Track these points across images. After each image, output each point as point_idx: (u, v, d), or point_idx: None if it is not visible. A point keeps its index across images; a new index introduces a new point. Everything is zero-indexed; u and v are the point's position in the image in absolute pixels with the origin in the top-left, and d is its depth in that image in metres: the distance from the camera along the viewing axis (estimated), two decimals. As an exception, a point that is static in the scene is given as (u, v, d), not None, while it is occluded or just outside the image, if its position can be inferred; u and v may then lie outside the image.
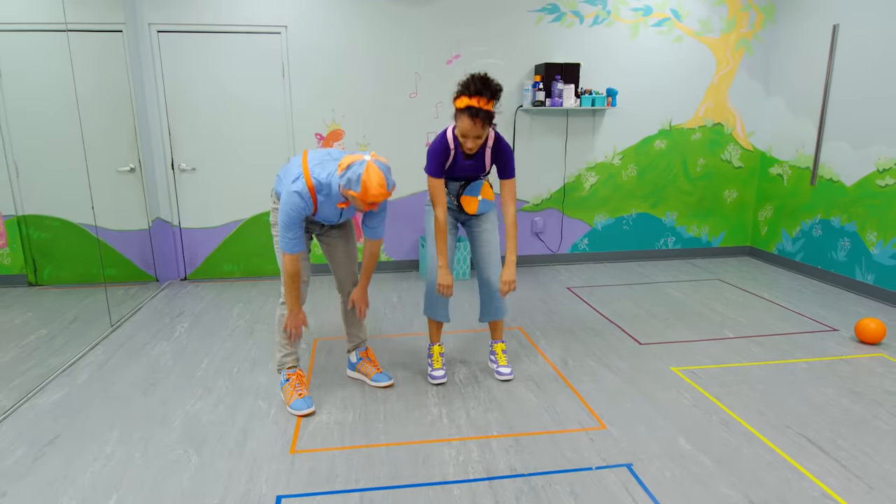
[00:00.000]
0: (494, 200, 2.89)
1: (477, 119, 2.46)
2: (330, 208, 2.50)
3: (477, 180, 2.80)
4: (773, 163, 5.23)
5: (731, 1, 4.98)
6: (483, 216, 2.89)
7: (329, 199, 2.44)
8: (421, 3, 4.62)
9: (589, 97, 4.72)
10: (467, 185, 2.79)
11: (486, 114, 2.46)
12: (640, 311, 4.01)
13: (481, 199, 2.83)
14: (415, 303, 4.24)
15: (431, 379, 2.96)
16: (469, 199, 2.81)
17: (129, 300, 4.36)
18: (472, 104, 2.43)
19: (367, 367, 2.96)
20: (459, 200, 2.81)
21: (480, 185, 2.82)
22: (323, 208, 2.48)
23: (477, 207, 2.82)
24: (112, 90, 4.31)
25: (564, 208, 5.20)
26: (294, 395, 2.68)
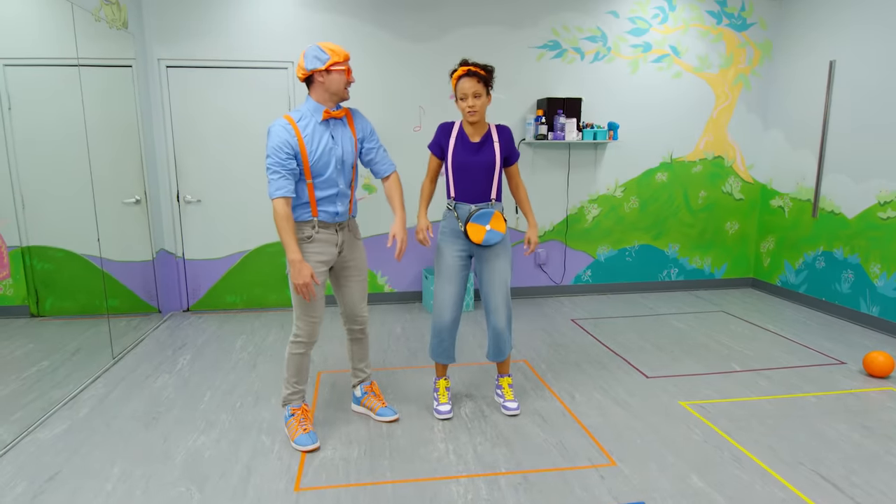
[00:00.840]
0: (506, 234, 2.83)
1: (473, 77, 2.61)
2: (320, 136, 2.46)
3: (487, 209, 2.74)
4: (774, 195, 5.27)
5: (728, 38, 5.10)
6: (493, 248, 2.84)
7: (312, 121, 2.45)
8: (426, 39, 4.72)
9: (590, 131, 4.79)
10: (478, 210, 2.72)
11: (482, 76, 2.62)
12: (646, 344, 3.99)
13: (489, 230, 2.73)
14: (419, 335, 4.22)
15: (437, 414, 2.92)
16: (476, 227, 2.73)
17: (131, 332, 4.33)
18: (468, 68, 2.63)
19: (373, 401, 2.92)
20: (466, 227, 2.74)
21: (490, 215, 2.73)
22: (313, 140, 2.44)
23: (483, 238, 2.73)
24: (120, 123, 4.37)
25: (567, 240, 5.22)
26: (299, 431, 2.64)
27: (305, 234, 2.55)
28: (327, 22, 4.57)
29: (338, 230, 2.62)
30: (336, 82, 2.46)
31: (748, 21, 5.11)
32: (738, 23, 5.09)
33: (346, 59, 2.45)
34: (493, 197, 2.81)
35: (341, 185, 2.56)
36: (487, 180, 2.78)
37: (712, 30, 5.07)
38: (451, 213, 2.82)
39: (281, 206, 2.39)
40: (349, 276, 2.75)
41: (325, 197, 2.54)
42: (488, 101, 2.69)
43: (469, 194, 2.79)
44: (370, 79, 4.69)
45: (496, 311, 2.85)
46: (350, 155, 2.58)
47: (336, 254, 2.65)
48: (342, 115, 2.55)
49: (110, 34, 3.94)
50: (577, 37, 4.89)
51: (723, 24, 5.07)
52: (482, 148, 2.76)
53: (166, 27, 4.41)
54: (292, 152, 2.42)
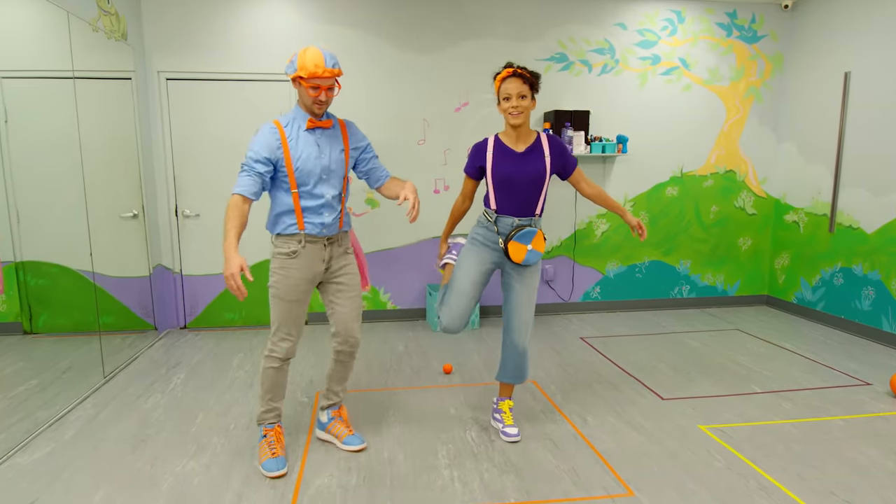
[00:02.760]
0: (542, 253, 2.67)
1: (519, 77, 2.47)
2: (305, 143, 2.35)
3: (531, 227, 2.58)
4: (788, 210, 5.12)
5: (739, 50, 5.00)
6: (527, 268, 2.68)
7: (297, 128, 2.35)
8: (430, 51, 4.64)
9: (599, 144, 4.68)
10: (521, 229, 2.56)
11: (528, 77, 2.47)
12: (659, 364, 3.82)
13: (531, 249, 2.58)
14: (421, 352, 4.06)
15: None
16: (518, 245, 2.57)
17: (125, 349, 4.19)
18: (513, 70, 2.49)
19: (339, 427, 2.71)
20: (507, 245, 2.57)
21: (533, 234, 2.58)
22: (297, 146, 2.34)
23: (524, 257, 2.58)
24: (119, 136, 4.28)
25: (576, 256, 5.08)
26: (267, 454, 2.49)
27: (290, 248, 2.42)
28: (329, 33, 4.50)
29: (326, 244, 2.49)
30: (303, 96, 2.35)
31: (759, 33, 5.01)
32: (748, 35, 5.00)
33: (312, 77, 2.24)
34: (538, 212, 2.65)
35: (328, 196, 2.42)
36: (534, 193, 2.60)
37: (722, 42, 4.97)
38: (490, 224, 2.66)
39: (235, 200, 2.27)
40: (340, 292, 2.57)
41: (311, 207, 2.41)
42: (533, 105, 2.53)
43: (512, 208, 2.61)
44: (373, 91, 4.60)
45: (520, 330, 2.70)
46: (338, 165, 2.45)
47: (322, 270, 2.51)
48: (329, 125, 2.43)
49: (109, 45, 3.87)
50: (584, 49, 4.80)
51: (733, 36, 4.98)
52: (529, 158, 2.58)
53: (166, 39, 4.35)
54: (271, 157, 2.33)
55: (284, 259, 2.42)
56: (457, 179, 4.80)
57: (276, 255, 2.46)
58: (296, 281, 2.43)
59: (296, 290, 2.44)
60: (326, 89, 2.30)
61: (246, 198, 2.29)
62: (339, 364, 2.69)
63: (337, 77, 2.32)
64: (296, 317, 2.48)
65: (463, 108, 4.74)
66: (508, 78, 2.49)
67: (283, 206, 2.41)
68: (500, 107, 2.55)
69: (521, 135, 2.59)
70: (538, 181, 2.58)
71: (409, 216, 2.35)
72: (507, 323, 2.73)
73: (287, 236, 2.43)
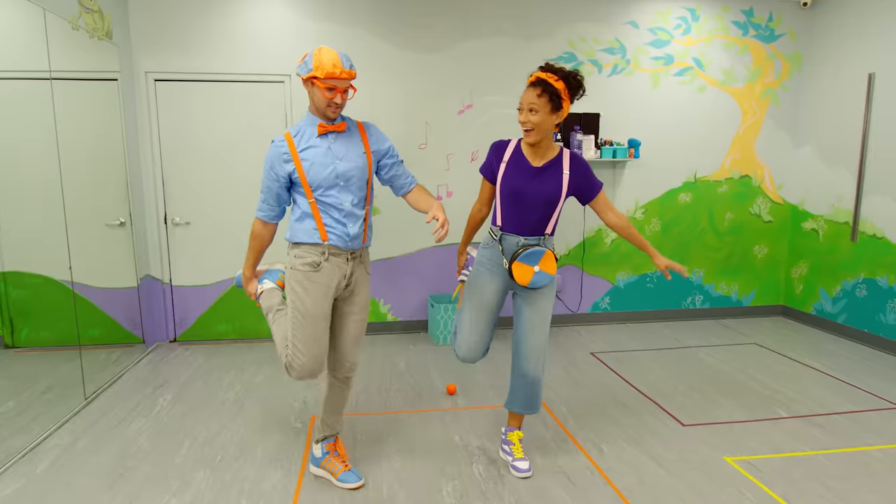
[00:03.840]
0: (555, 276, 2.41)
1: (536, 86, 2.20)
2: (317, 150, 2.18)
3: (538, 247, 2.33)
4: (807, 217, 4.90)
5: (755, 50, 4.77)
6: (537, 291, 2.43)
7: (308, 134, 2.19)
8: (432, 50, 4.41)
9: (610, 148, 4.45)
10: (527, 249, 2.32)
11: (549, 86, 2.17)
12: (676, 383, 3.59)
13: (538, 271, 2.33)
14: (424, 370, 3.84)
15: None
16: (523, 267, 2.32)
17: (110, 366, 3.97)
18: (538, 76, 2.22)
19: (334, 463, 2.49)
20: (512, 266, 2.33)
21: (541, 255, 2.33)
22: (308, 153, 2.17)
23: (531, 280, 2.32)
24: (104, 140, 4.06)
25: (584, 265, 4.85)
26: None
27: (313, 259, 2.21)
28: (326, 31, 4.27)
29: (349, 259, 2.29)
30: (317, 98, 2.16)
31: (776, 32, 4.79)
32: (765, 34, 4.77)
33: (329, 77, 2.08)
34: (548, 232, 2.41)
35: (347, 204, 2.22)
36: (543, 213, 2.36)
37: (738, 41, 4.74)
38: (495, 243, 2.45)
39: (257, 225, 2.34)
40: (348, 314, 2.37)
41: (331, 216, 2.22)
42: (553, 119, 2.23)
43: (518, 225, 2.38)
44: (371, 92, 4.37)
45: (531, 357, 2.46)
46: (358, 171, 2.24)
47: (343, 286, 2.30)
48: (343, 129, 2.24)
49: (91, 45, 3.64)
50: (594, 49, 4.58)
51: (749, 35, 4.75)
52: (544, 175, 2.33)
53: (154, 38, 4.12)
54: (281, 172, 2.20)
55: (306, 272, 2.22)
56: (460, 185, 4.58)
57: (295, 268, 2.24)
58: (321, 296, 2.23)
59: (320, 305, 2.23)
60: (342, 91, 2.15)
61: (266, 222, 2.31)
62: (334, 391, 2.47)
63: (353, 78, 2.17)
64: (321, 335, 2.25)
65: (467, 110, 4.52)
66: (529, 84, 2.25)
67: (302, 215, 2.24)
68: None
69: (541, 149, 2.36)
70: (550, 202, 2.34)
71: (435, 235, 2.17)
72: (517, 349, 2.51)
73: (309, 246, 2.23)
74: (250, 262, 2.43)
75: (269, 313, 2.43)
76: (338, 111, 2.18)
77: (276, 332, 2.35)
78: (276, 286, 2.52)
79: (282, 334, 2.31)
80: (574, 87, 2.22)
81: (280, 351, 2.30)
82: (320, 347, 2.24)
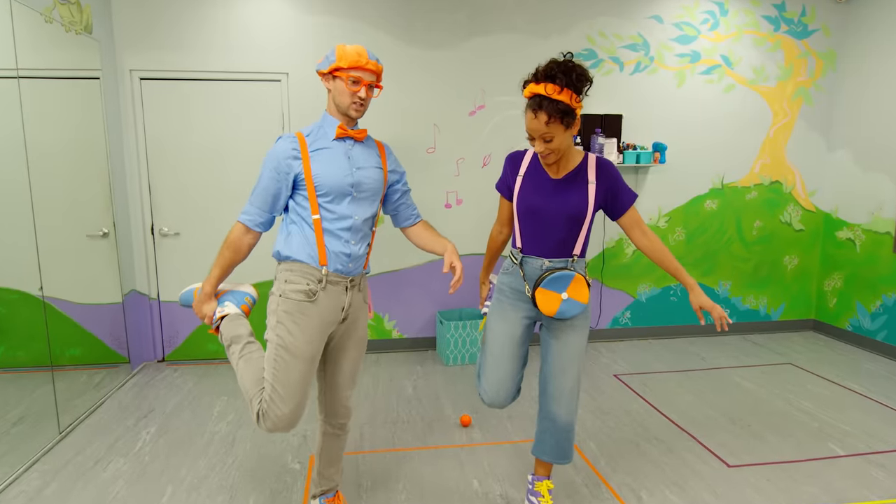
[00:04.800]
0: (588, 304, 2.05)
1: (540, 112, 1.82)
2: (331, 154, 1.89)
3: (565, 271, 1.99)
4: (842, 226, 4.57)
5: (787, 47, 4.45)
6: (566, 322, 2.10)
7: (322, 137, 1.91)
8: (441, 47, 4.08)
9: (633, 153, 4.12)
10: (552, 273, 1.98)
11: (554, 105, 1.80)
12: (713, 412, 3.26)
13: (567, 299, 1.98)
14: (433, 395, 3.51)
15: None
16: (549, 294, 1.98)
17: (90, 390, 3.63)
18: (536, 91, 1.82)
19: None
20: (535, 294, 2.00)
21: (569, 280, 1.98)
22: (321, 157, 1.88)
23: (557, 309, 1.98)
24: (84, 144, 3.72)
25: (604, 277, 4.52)
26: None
27: (308, 286, 1.87)
28: (325, 26, 3.94)
29: (348, 287, 1.95)
30: (340, 93, 1.87)
31: (809, 27, 4.46)
32: (798, 29, 4.45)
33: (356, 67, 1.83)
34: (576, 253, 2.06)
35: (357, 216, 1.92)
36: (569, 232, 2.02)
37: (769, 37, 4.42)
38: (516, 267, 2.12)
39: (236, 231, 1.95)
40: (344, 350, 2.04)
41: (336, 232, 1.89)
42: (572, 132, 1.90)
43: (540, 247, 2.05)
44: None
45: (560, 399, 2.12)
46: (375, 183, 1.97)
47: (339, 320, 1.96)
48: (363, 137, 1.98)
49: (68, 40, 3.31)
50: (615, 45, 4.25)
51: (781, 30, 4.42)
52: (567, 188, 2.00)
53: (140, 33, 3.78)
54: (287, 171, 1.87)
55: (299, 303, 1.87)
56: (471, 192, 4.25)
57: (285, 295, 1.89)
58: (315, 332, 1.89)
59: (314, 343, 1.89)
60: (367, 86, 1.88)
61: (249, 229, 1.93)
62: (329, 440, 2.14)
63: (379, 75, 1.92)
64: (308, 380, 1.91)
65: (478, 111, 4.19)
66: (529, 106, 1.86)
67: (300, 230, 1.90)
68: (527, 138, 1.97)
69: (562, 159, 2.02)
70: (575, 218, 2.00)
71: (452, 287, 1.91)
72: (544, 388, 2.16)
73: (304, 268, 1.89)
74: (214, 277, 1.98)
75: (232, 346, 2.03)
76: (361, 109, 1.90)
77: (244, 373, 1.96)
78: (240, 312, 2.11)
79: (252, 374, 1.94)
80: (580, 87, 1.84)
81: (249, 395, 1.92)
82: (305, 395, 1.91)
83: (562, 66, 1.82)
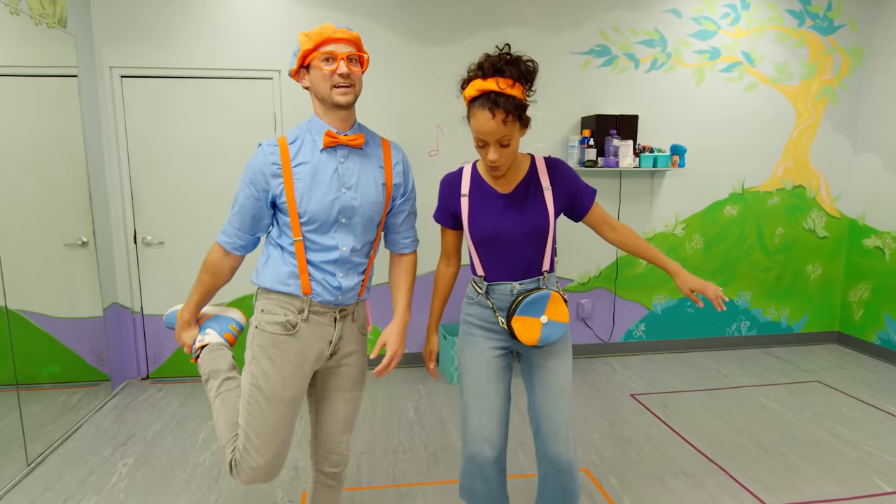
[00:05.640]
0: (568, 324, 1.80)
1: (497, 109, 1.56)
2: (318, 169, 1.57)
3: (539, 291, 1.74)
4: (869, 233, 4.31)
5: (812, 43, 4.18)
6: (549, 347, 1.84)
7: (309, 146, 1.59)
8: (445, 42, 3.82)
9: (650, 156, 3.85)
10: (526, 296, 1.73)
11: (512, 101, 1.57)
12: (742, 439, 3.00)
13: (547, 322, 1.74)
14: (438, 420, 3.24)
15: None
16: (526, 321, 1.73)
17: (67, 412, 3.36)
18: (487, 87, 1.57)
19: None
20: (512, 324, 1.75)
21: (546, 299, 1.74)
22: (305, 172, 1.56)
23: (539, 336, 1.74)
24: (60, 146, 3.45)
25: (617, 288, 4.26)
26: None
27: (286, 317, 1.61)
28: (320, 19, 3.67)
29: (338, 318, 1.67)
30: (317, 81, 1.56)
31: (835, 23, 4.20)
32: (823, 24, 4.18)
33: (323, 42, 1.53)
34: (546, 269, 1.81)
35: (345, 247, 1.63)
36: (535, 250, 1.78)
37: (793, 33, 4.15)
38: (482, 297, 1.83)
39: (215, 253, 1.70)
40: (336, 389, 1.76)
41: (321, 263, 1.61)
42: (523, 132, 1.67)
43: (505, 271, 1.79)
44: (375, 90, 3.77)
45: (558, 436, 1.83)
46: (370, 207, 1.65)
47: (326, 356, 1.69)
48: (361, 144, 1.62)
49: (38, 34, 3.04)
50: (630, 40, 3.98)
51: (805, 25, 4.16)
52: (521, 202, 1.75)
53: (120, 27, 3.51)
54: (266, 189, 1.58)
55: (276, 337, 1.61)
56: (476, 198, 3.98)
57: (261, 327, 1.63)
58: (293, 370, 1.62)
59: (291, 384, 1.62)
60: (345, 59, 1.53)
61: (231, 255, 1.70)
62: (320, 490, 1.87)
63: (358, 44, 1.58)
64: (287, 426, 1.65)
65: (484, 111, 3.92)
66: (478, 105, 1.59)
67: (281, 254, 1.64)
68: (473, 137, 1.68)
69: (508, 170, 1.76)
70: (539, 233, 1.75)
71: (376, 371, 1.68)
72: (538, 429, 1.87)
73: (283, 297, 1.63)
74: (193, 303, 1.76)
75: (210, 381, 1.78)
76: (349, 91, 1.55)
77: (219, 414, 1.71)
78: (223, 342, 1.86)
79: (228, 417, 1.68)
80: (531, 79, 1.63)
81: (223, 441, 1.67)
82: (285, 443, 1.65)
83: (505, 58, 1.59)
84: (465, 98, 1.66)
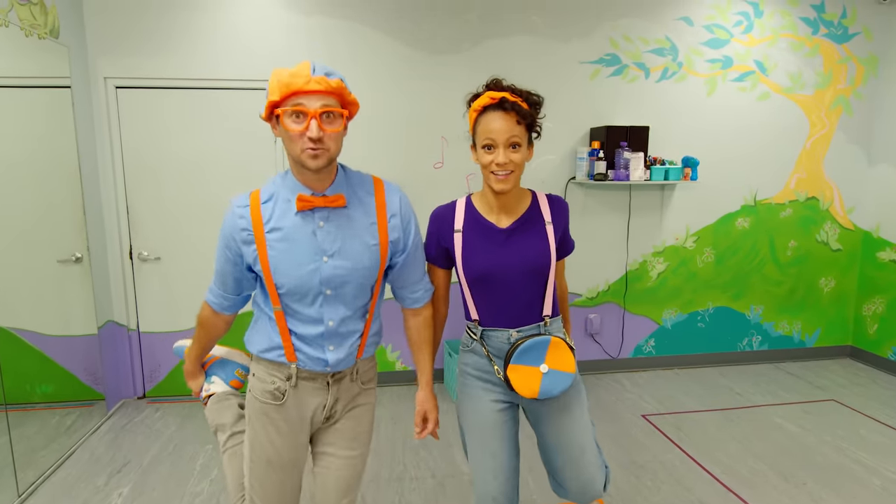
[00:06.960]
0: (576, 373, 1.63)
1: (511, 113, 1.51)
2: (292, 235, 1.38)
3: (539, 336, 1.59)
4: (884, 246, 4.21)
5: (826, 52, 4.08)
6: (556, 399, 1.69)
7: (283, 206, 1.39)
8: (450, 51, 3.71)
9: (661, 168, 3.75)
10: (522, 342, 1.58)
11: (524, 110, 1.53)
12: (760, 465, 2.89)
13: (548, 371, 1.57)
14: (444, 442, 3.14)
15: None
16: (524, 371, 1.57)
17: (61, 435, 3.25)
18: (500, 96, 1.53)
19: None
20: (507, 373, 1.59)
21: (546, 345, 1.58)
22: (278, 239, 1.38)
23: (539, 389, 1.57)
24: (54, 160, 3.34)
25: (626, 303, 4.15)
26: None
27: (274, 384, 1.48)
28: (320, 27, 3.56)
29: (331, 382, 1.52)
30: (285, 139, 1.33)
31: (850, 31, 4.09)
32: (837, 32, 4.08)
33: (291, 94, 1.28)
34: (548, 314, 1.66)
35: (332, 321, 1.45)
36: (535, 290, 1.64)
37: (807, 41, 4.05)
38: (476, 343, 1.69)
39: (206, 312, 1.61)
40: (334, 444, 1.57)
41: (305, 336, 1.46)
42: (530, 155, 1.59)
43: (504, 316, 1.65)
44: (377, 101, 3.66)
45: (584, 494, 1.72)
46: (360, 273, 1.44)
47: (321, 419, 1.55)
48: (341, 204, 1.40)
49: (29, 45, 2.92)
50: (640, 49, 3.87)
51: (819, 34, 4.06)
52: (523, 236, 1.63)
53: (115, 37, 3.40)
54: (240, 255, 1.43)
55: (266, 405, 1.49)
56: (482, 211, 3.87)
57: (252, 392, 1.52)
58: (284, 438, 1.50)
59: (287, 450, 1.51)
60: (320, 117, 1.28)
61: (219, 314, 1.60)
62: None
63: (339, 94, 1.32)
64: (290, 488, 1.55)
65: (490, 122, 3.81)
66: (491, 110, 1.53)
67: (264, 321, 1.50)
68: (479, 157, 1.57)
69: (508, 202, 1.64)
70: (540, 271, 1.62)
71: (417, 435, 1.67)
72: (553, 471, 1.77)
73: (269, 365, 1.49)
74: (194, 355, 1.71)
75: (218, 433, 1.69)
76: (320, 157, 1.31)
77: (228, 470, 1.63)
78: (230, 390, 1.76)
79: (235, 475, 1.60)
80: (538, 107, 1.60)
81: (233, 498, 1.59)
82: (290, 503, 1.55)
83: (510, 86, 1.58)
84: (473, 111, 1.58)
